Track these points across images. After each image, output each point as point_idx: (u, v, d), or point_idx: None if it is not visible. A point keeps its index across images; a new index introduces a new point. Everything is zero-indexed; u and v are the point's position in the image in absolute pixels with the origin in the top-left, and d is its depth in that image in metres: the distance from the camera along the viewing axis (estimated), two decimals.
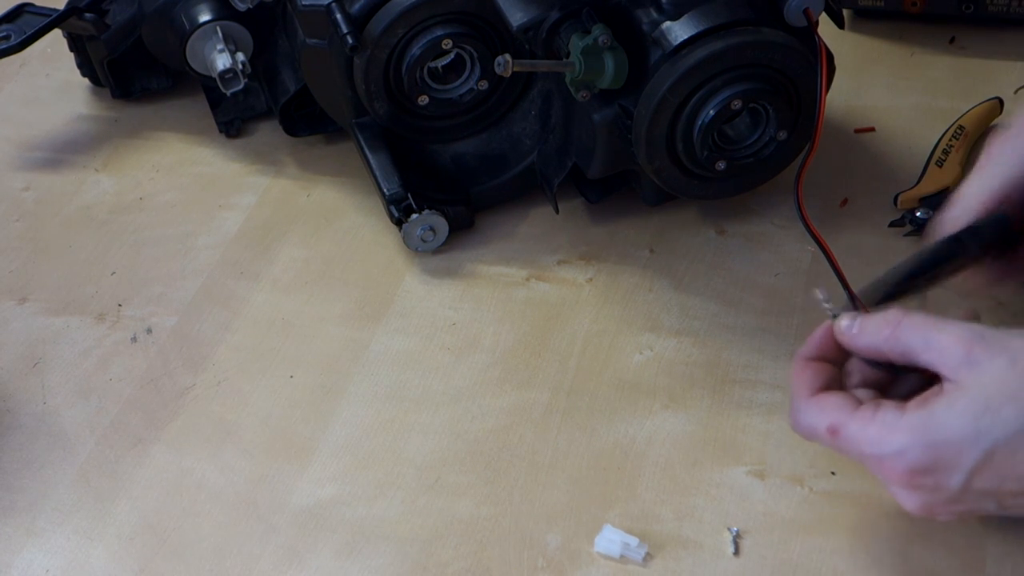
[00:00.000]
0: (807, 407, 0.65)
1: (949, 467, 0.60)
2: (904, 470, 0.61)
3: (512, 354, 0.82)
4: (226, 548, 0.73)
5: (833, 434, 0.64)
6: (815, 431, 0.65)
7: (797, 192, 0.78)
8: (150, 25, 0.97)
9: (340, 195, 0.95)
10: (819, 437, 0.65)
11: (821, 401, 0.65)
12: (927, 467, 0.61)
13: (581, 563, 0.71)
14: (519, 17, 0.81)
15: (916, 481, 0.61)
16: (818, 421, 0.64)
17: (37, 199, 0.97)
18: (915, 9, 1.02)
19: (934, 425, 0.60)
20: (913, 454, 0.61)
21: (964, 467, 0.60)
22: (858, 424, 0.63)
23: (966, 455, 0.60)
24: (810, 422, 0.65)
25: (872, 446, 0.62)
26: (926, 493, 0.62)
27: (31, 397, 0.82)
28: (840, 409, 0.64)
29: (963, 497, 0.62)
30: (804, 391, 0.66)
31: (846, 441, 0.63)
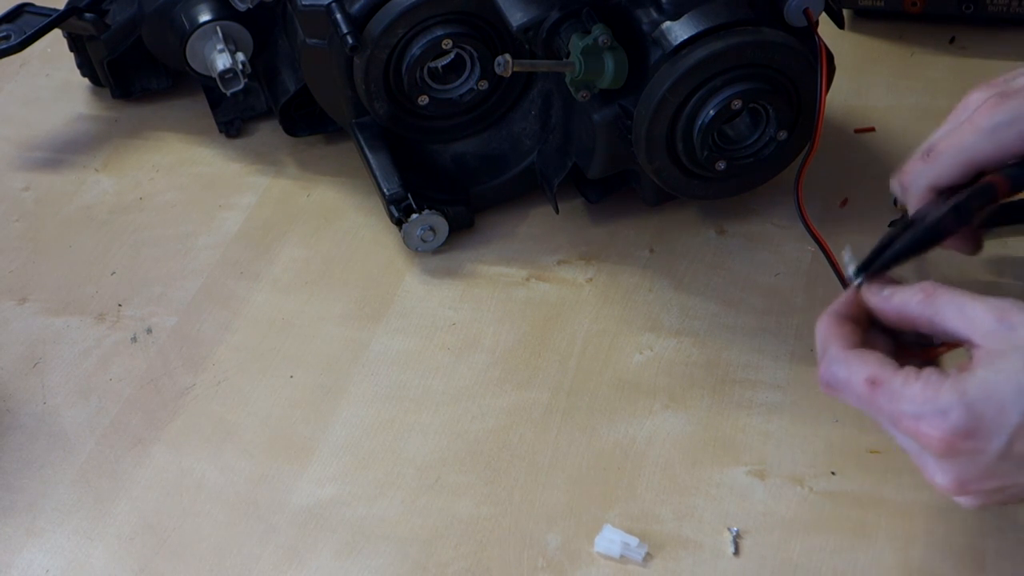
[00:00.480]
0: (847, 357, 0.63)
1: (991, 428, 0.59)
2: (945, 431, 0.59)
3: (512, 354, 0.82)
4: (226, 548, 0.73)
5: (873, 385, 0.61)
6: (849, 383, 0.62)
7: (797, 192, 0.78)
8: (150, 25, 0.97)
9: (340, 195, 0.95)
10: (852, 389, 0.63)
11: (863, 354, 0.63)
12: (969, 429, 0.59)
13: (581, 563, 0.71)
14: (519, 17, 0.81)
15: (956, 445, 0.59)
16: (856, 372, 0.62)
17: (37, 199, 0.97)
18: (915, 9, 1.02)
19: (976, 385, 0.59)
20: (956, 414, 0.59)
21: (1007, 428, 0.59)
22: (901, 379, 0.61)
23: (1009, 413, 0.58)
24: (847, 373, 0.63)
25: (913, 403, 0.60)
26: (963, 462, 0.60)
27: (31, 397, 0.82)
28: (883, 364, 0.62)
29: (1001, 466, 0.60)
30: (840, 343, 0.64)
31: (885, 395, 0.61)
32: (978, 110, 0.68)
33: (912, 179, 0.70)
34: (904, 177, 0.71)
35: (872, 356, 0.63)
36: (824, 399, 0.77)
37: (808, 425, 0.76)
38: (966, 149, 0.68)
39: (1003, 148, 0.67)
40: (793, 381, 0.79)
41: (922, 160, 0.69)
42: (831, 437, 0.76)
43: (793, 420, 0.77)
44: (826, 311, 0.66)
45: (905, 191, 0.71)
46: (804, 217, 0.78)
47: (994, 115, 0.68)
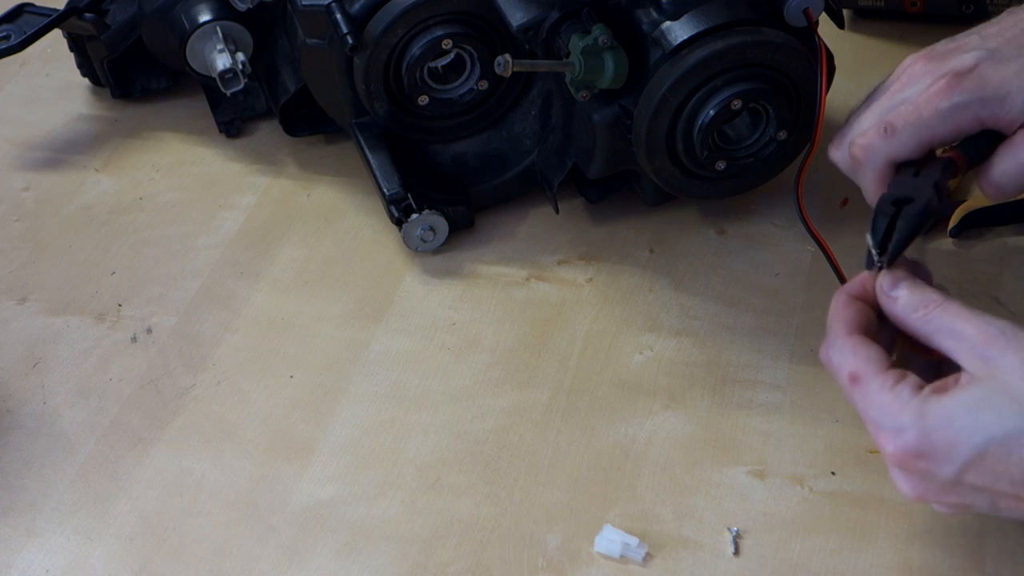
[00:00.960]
0: (843, 345, 0.64)
1: (941, 456, 0.60)
2: (897, 449, 0.61)
3: (512, 354, 0.82)
4: (226, 548, 0.73)
5: (853, 382, 0.63)
6: (839, 371, 0.64)
7: (797, 192, 0.78)
8: (150, 25, 0.97)
9: (340, 195, 0.95)
10: (839, 378, 0.64)
11: (857, 345, 0.64)
12: (920, 452, 0.60)
13: (581, 563, 0.71)
14: (519, 17, 0.81)
15: (908, 463, 0.61)
16: (845, 363, 0.63)
17: (37, 199, 0.97)
18: (915, 9, 1.02)
19: (935, 412, 0.60)
20: (908, 436, 0.60)
21: (957, 459, 0.60)
22: (877, 386, 0.62)
23: (960, 448, 0.60)
24: (839, 361, 0.64)
25: (877, 414, 0.62)
26: (918, 478, 0.62)
27: (31, 397, 0.82)
28: (869, 362, 0.63)
29: (955, 489, 0.61)
30: (843, 327, 0.65)
31: (860, 395, 0.63)
32: (933, 88, 0.69)
33: (869, 154, 0.71)
34: (859, 151, 0.71)
35: (863, 350, 0.64)
36: (824, 399, 0.77)
37: (808, 425, 0.76)
38: (925, 127, 0.69)
39: (959, 129, 0.69)
40: (793, 381, 0.79)
41: (880, 135, 0.70)
42: (831, 437, 0.76)
43: (793, 420, 0.77)
44: (842, 287, 0.67)
45: (859, 164, 0.71)
46: (804, 217, 0.78)
47: (951, 96, 0.69)
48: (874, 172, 0.71)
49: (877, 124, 0.71)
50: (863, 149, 0.71)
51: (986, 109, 0.68)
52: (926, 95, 0.69)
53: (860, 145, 0.71)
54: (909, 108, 0.70)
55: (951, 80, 0.69)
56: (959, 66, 0.70)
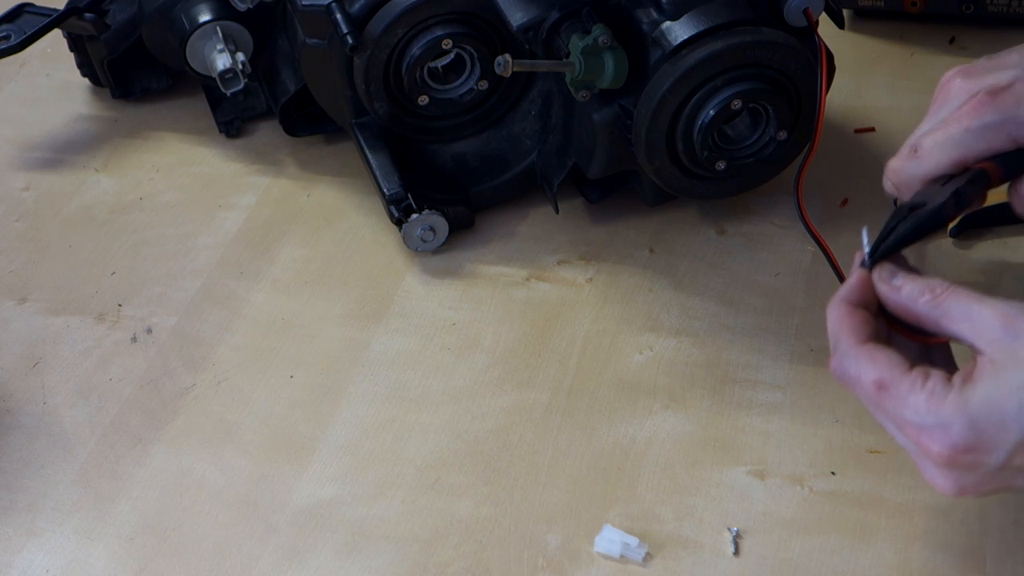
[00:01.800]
0: (857, 354, 0.63)
1: (991, 445, 0.59)
2: (946, 445, 0.59)
3: (512, 354, 0.82)
4: (226, 548, 0.73)
5: (880, 389, 0.61)
6: (859, 381, 0.62)
7: (797, 192, 0.78)
8: (150, 25, 0.97)
9: (340, 195, 0.95)
10: (861, 388, 0.63)
11: (873, 352, 0.62)
12: (970, 444, 0.59)
13: (581, 563, 0.71)
14: (519, 17, 0.81)
15: (956, 459, 0.60)
16: (866, 372, 0.62)
17: (37, 199, 0.97)
18: (915, 9, 1.02)
19: (978, 400, 0.59)
20: (957, 429, 0.59)
21: (1007, 444, 0.59)
22: (907, 387, 0.61)
23: (1009, 431, 0.58)
24: (857, 371, 0.62)
25: (917, 414, 0.60)
26: (962, 472, 0.60)
27: (31, 397, 0.82)
28: (893, 366, 0.62)
29: (1000, 474, 0.60)
30: (852, 337, 0.63)
31: (891, 400, 0.61)
32: (966, 107, 0.68)
33: (901, 176, 0.70)
34: (894, 176, 0.71)
35: (883, 356, 0.62)
36: (824, 399, 0.77)
37: (808, 425, 0.76)
38: (955, 146, 0.68)
39: (990, 147, 0.68)
40: (793, 381, 0.79)
41: (909, 158, 0.70)
42: (831, 437, 0.76)
43: (793, 420, 0.77)
44: (836, 296, 0.65)
45: (897, 188, 0.71)
46: (804, 217, 0.78)
47: (983, 115, 0.68)
48: (909, 192, 0.70)
49: (908, 146, 0.70)
50: (894, 172, 0.70)
51: (1019, 128, 0.67)
52: (957, 114, 0.68)
53: (892, 169, 0.71)
54: (938, 128, 0.69)
55: (983, 98, 0.68)
56: (994, 84, 0.68)
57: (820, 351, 0.80)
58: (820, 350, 0.80)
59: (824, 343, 0.80)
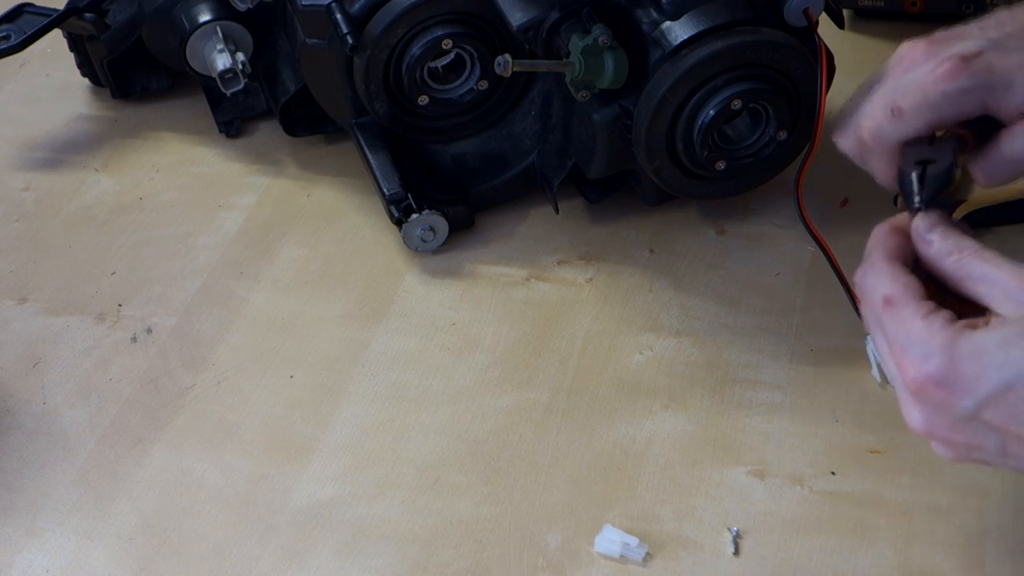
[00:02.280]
0: (882, 269, 0.63)
1: (964, 387, 0.59)
2: (920, 372, 0.60)
3: (512, 354, 0.82)
4: (226, 548, 0.73)
5: (887, 304, 0.62)
6: (872, 293, 0.63)
7: (797, 192, 0.78)
8: (150, 25, 0.97)
9: (340, 195, 0.95)
10: (870, 301, 0.63)
11: (896, 272, 0.63)
12: (942, 379, 0.59)
13: (581, 563, 0.71)
14: (519, 17, 0.81)
15: (927, 390, 0.60)
16: (880, 287, 0.63)
17: (37, 199, 0.97)
18: (915, 9, 1.02)
19: (966, 343, 0.59)
20: (934, 361, 0.59)
21: (979, 392, 0.59)
22: (911, 311, 0.61)
23: (984, 380, 0.59)
24: (873, 284, 0.63)
25: (905, 337, 0.61)
26: (932, 409, 0.61)
27: (31, 397, 0.82)
28: (907, 288, 0.62)
29: (968, 425, 0.60)
30: (883, 253, 0.64)
31: (892, 317, 0.62)
32: (940, 70, 0.69)
33: (878, 136, 0.70)
34: (867, 134, 0.71)
35: (902, 277, 0.63)
36: (824, 399, 0.77)
37: (808, 425, 0.76)
38: (932, 108, 0.69)
39: (963, 112, 0.69)
40: (793, 381, 0.79)
41: (887, 118, 0.70)
42: (831, 437, 0.76)
43: (793, 420, 0.77)
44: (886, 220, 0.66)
45: (868, 148, 0.71)
46: (804, 217, 0.78)
47: (959, 79, 0.68)
48: (884, 154, 0.71)
49: (884, 107, 0.70)
50: (871, 132, 0.71)
51: (990, 95, 0.68)
52: (932, 76, 0.69)
53: (868, 128, 0.71)
54: (916, 90, 0.69)
55: (958, 63, 0.69)
56: (964, 51, 0.69)
57: (820, 351, 0.80)
58: (820, 350, 0.80)
59: (824, 343, 0.81)
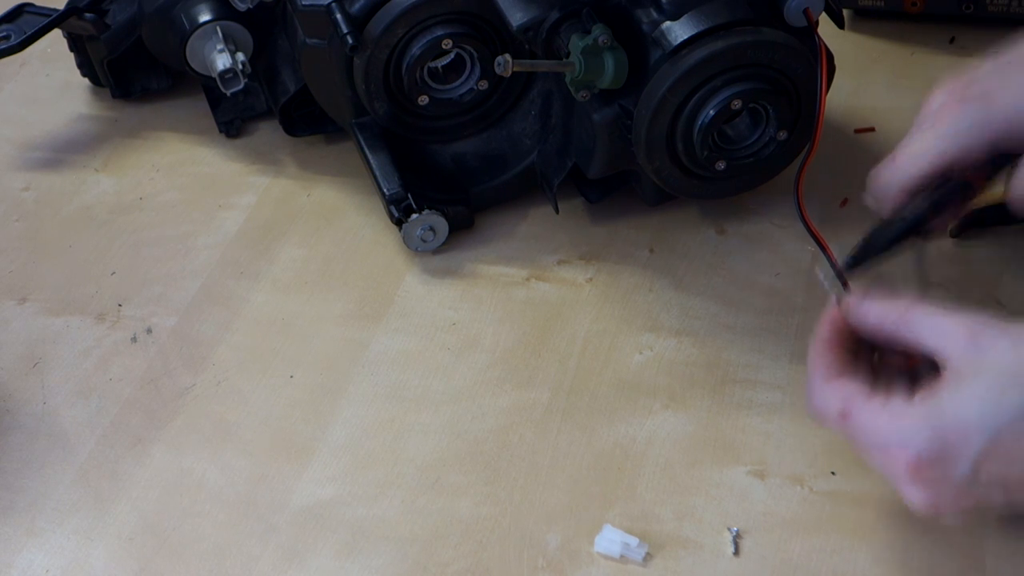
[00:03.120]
0: (822, 389, 0.65)
1: (955, 455, 0.60)
2: (910, 460, 0.60)
3: (512, 354, 0.82)
4: (226, 548, 0.73)
5: (843, 418, 0.63)
6: (826, 414, 0.64)
7: (797, 192, 0.78)
8: (150, 25, 0.97)
9: (340, 195, 0.95)
10: (830, 421, 0.64)
11: (836, 385, 0.64)
12: (933, 456, 0.60)
13: (581, 563, 0.71)
14: (519, 17, 0.81)
15: (923, 473, 0.61)
16: (831, 404, 0.64)
17: (37, 199, 0.97)
18: (915, 9, 1.02)
19: (939, 412, 0.60)
20: (918, 442, 0.60)
21: (970, 454, 0.59)
22: (868, 412, 0.62)
23: (972, 441, 0.59)
24: (823, 405, 0.65)
25: (879, 435, 0.62)
26: (933, 487, 0.61)
27: (31, 397, 0.82)
28: (854, 395, 0.63)
29: (971, 490, 0.61)
30: (819, 377, 0.65)
31: (854, 428, 0.63)
32: (938, 112, 0.69)
33: (882, 186, 0.71)
34: (872, 184, 0.71)
35: (845, 387, 0.64)
36: None
37: (808, 425, 0.76)
38: (929, 152, 0.69)
39: (966, 150, 0.68)
40: (793, 381, 0.79)
41: (886, 165, 0.70)
42: (831, 437, 0.75)
43: (793, 420, 0.77)
44: (814, 336, 0.68)
45: (878, 199, 0.71)
46: (804, 217, 0.78)
47: (956, 119, 0.69)
48: (889, 203, 0.71)
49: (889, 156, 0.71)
50: (872, 180, 0.71)
51: (991, 126, 0.68)
52: (931, 120, 0.69)
53: (870, 177, 0.71)
54: (915, 136, 0.70)
55: (952, 103, 0.69)
56: (966, 89, 0.70)
57: None
58: None
59: None
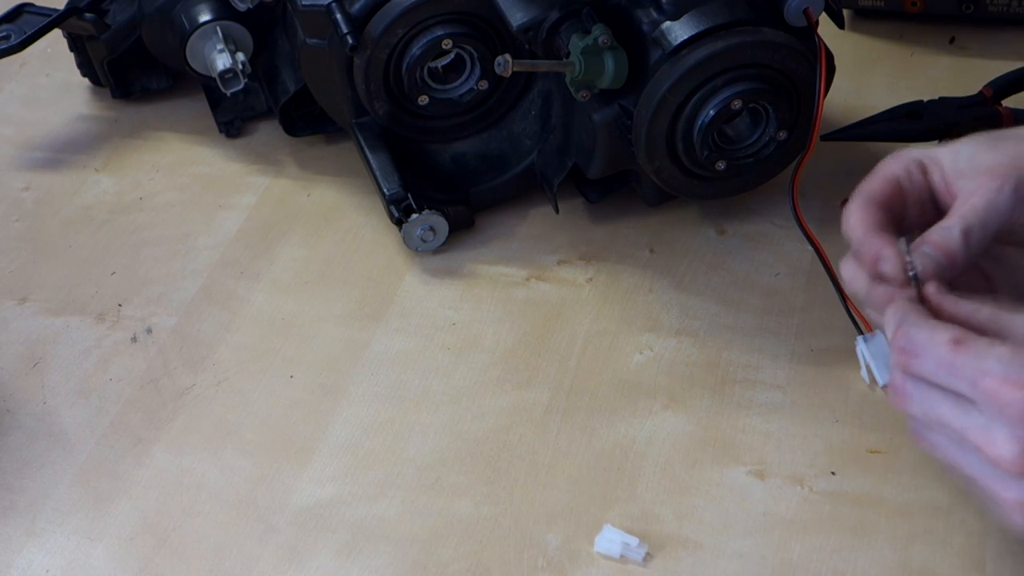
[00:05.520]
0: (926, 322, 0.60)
1: None
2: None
3: (512, 354, 0.82)
4: (226, 548, 0.73)
5: (957, 344, 0.58)
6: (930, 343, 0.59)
7: (793, 193, 0.78)
8: (150, 25, 0.97)
9: (340, 195, 0.95)
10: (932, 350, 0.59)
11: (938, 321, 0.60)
12: None
13: (581, 563, 0.71)
14: (519, 17, 0.81)
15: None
16: (940, 331, 0.59)
17: (37, 199, 0.97)
18: (915, 9, 1.02)
19: None
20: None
21: None
22: (987, 341, 0.58)
23: None
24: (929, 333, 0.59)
25: (1001, 362, 0.57)
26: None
27: (31, 397, 0.82)
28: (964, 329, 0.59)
29: None
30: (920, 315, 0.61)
31: (970, 353, 0.58)
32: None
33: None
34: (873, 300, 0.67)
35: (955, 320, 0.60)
36: (824, 399, 0.77)
37: (808, 425, 0.76)
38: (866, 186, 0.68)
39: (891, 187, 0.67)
40: (793, 381, 0.79)
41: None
42: (831, 437, 0.76)
43: (793, 420, 0.77)
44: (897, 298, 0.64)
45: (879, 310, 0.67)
46: (799, 217, 0.78)
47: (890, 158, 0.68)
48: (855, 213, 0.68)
49: None
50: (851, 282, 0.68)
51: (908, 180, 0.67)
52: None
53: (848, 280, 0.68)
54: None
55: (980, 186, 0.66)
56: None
57: (820, 351, 0.80)
58: (820, 350, 0.80)
59: (824, 343, 0.81)
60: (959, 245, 0.64)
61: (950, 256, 0.64)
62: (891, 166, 0.68)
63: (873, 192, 0.67)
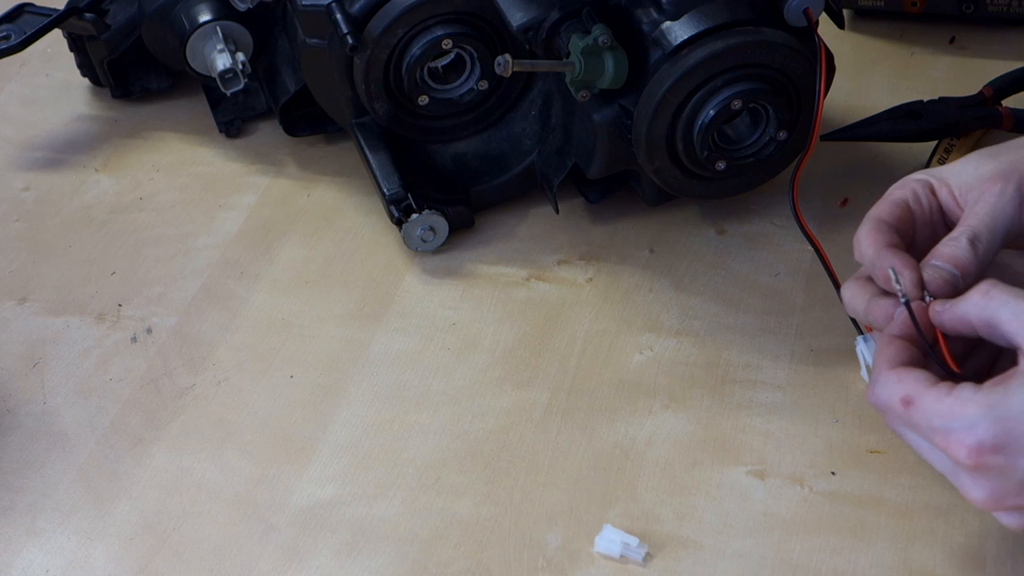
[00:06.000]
0: (886, 378, 0.63)
1: (1019, 444, 0.58)
2: (972, 445, 0.59)
3: (512, 354, 0.82)
4: (226, 548, 0.73)
5: (906, 404, 0.62)
6: (889, 402, 0.63)
7: (792, 193, 0.78)
8: (150, 25, 0.97)
9: (340, 195, 0.95)
10: (892, 409, 0.63)
11: (900, 373, 0.63)
12: (996, 444, 0.59)
13: (581, 563, 0.71)
14: (519, 17, 0.81)
15: (984, 460, 0.59)
16: (893, 392, 0.62)
17: (37, 199, 0.97)
18: (915, 9, 1.02)
19: (1007, 400, 0.59)
20: (982, 428, 0.59)
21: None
22: (933, 397, 0.61)
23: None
24: (886, 393, 0.63)
25: (943, 419, 0.60)
26: (994, 477, 0.60)
27: (31, 397, 0.82)
28: (917, 382, 0.62)
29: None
30: (885, 364, 0.64)
31: (918, 413, 0.61)
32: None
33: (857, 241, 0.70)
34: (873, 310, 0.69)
35: (909, 375, 0.63)
36: (824, 399, 0.77)
37: (808, 425, 0.76)
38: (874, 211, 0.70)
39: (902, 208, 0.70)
40: (793, 381, 0.79)
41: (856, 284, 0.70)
42: (831, 437, 0.76)
43: (793, 420, 0.77)
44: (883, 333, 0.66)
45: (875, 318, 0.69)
46: (799, 217, 0.78)
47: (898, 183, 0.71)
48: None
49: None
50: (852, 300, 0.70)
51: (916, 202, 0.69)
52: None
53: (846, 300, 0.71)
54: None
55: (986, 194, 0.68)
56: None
57: (820, 351, 0.80)
58: (820, 350, 0.80)
59: (824, 343, 0.81)
60: (968, 254, 0.66)
61: (960, 267, 0.66)
62: (898, 192, 0.71)
63: (882, 215, 0.70)
